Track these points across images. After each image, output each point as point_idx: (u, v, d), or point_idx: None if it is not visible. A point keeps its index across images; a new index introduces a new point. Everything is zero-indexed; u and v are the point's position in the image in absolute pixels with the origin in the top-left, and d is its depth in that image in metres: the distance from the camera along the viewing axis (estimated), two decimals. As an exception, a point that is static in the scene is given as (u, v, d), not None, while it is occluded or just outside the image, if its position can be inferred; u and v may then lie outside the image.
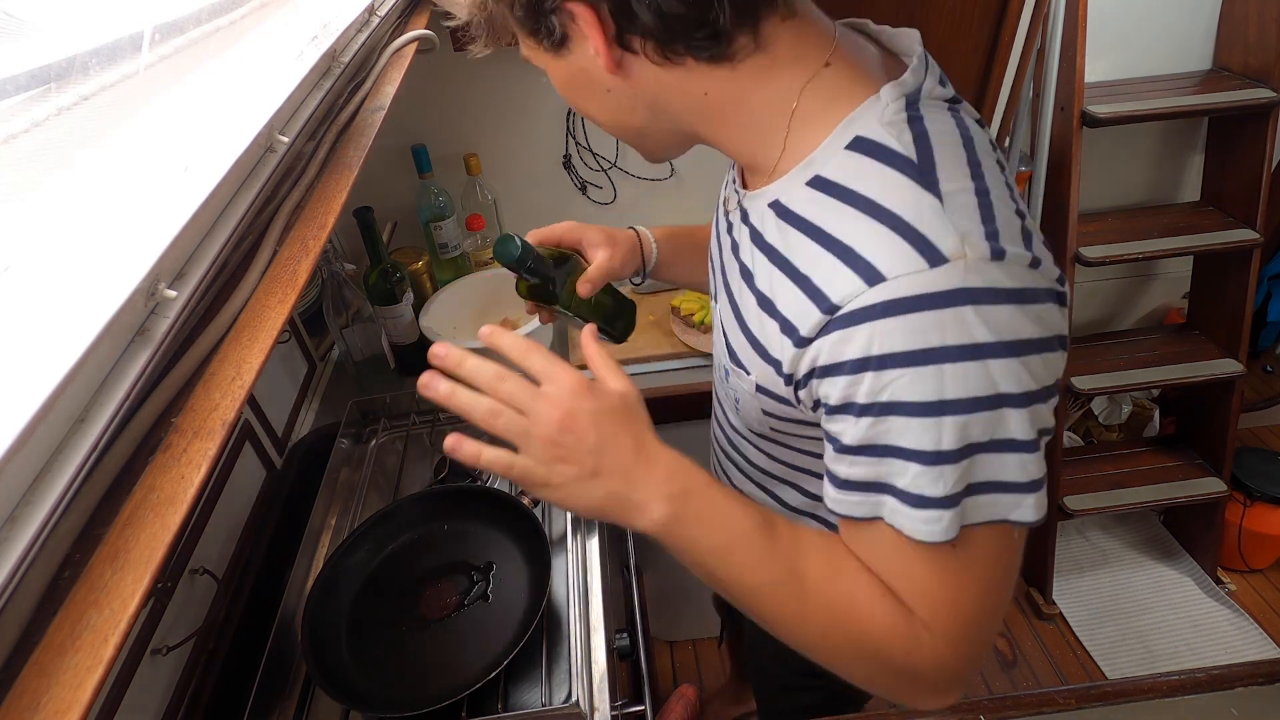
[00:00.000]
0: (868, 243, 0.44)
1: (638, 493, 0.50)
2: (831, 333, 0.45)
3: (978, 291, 0.41)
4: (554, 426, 0.49)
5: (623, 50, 0.48)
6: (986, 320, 0.41)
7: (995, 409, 0.43)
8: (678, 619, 1.75)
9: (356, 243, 1.33)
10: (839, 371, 0.45)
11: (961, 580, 0.48)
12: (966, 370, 0.42)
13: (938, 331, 0.41)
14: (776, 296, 0.51)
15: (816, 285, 0.46)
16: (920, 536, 0.46)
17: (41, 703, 0.27)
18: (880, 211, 0.44)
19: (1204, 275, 1.74)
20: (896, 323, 0.42)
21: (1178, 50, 1.56)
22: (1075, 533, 1.97)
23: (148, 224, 0.38)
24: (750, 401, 0.59)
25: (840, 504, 0.50)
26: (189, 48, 0.54)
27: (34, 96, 0.39)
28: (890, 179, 0.45)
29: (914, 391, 0.43)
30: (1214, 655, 1.69)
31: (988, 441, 0.44)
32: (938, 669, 0.49)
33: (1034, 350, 0.43)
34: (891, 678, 0.51)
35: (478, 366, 0.50)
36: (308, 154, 0.63)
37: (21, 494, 0.30)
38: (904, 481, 0.45)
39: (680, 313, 1.33)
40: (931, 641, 0.49)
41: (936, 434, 0.43)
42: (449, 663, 0.82)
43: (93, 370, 0.35)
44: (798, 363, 0.49)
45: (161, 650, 0.78)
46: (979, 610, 0.49)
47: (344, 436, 1.15)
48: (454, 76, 1.41)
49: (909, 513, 0.46)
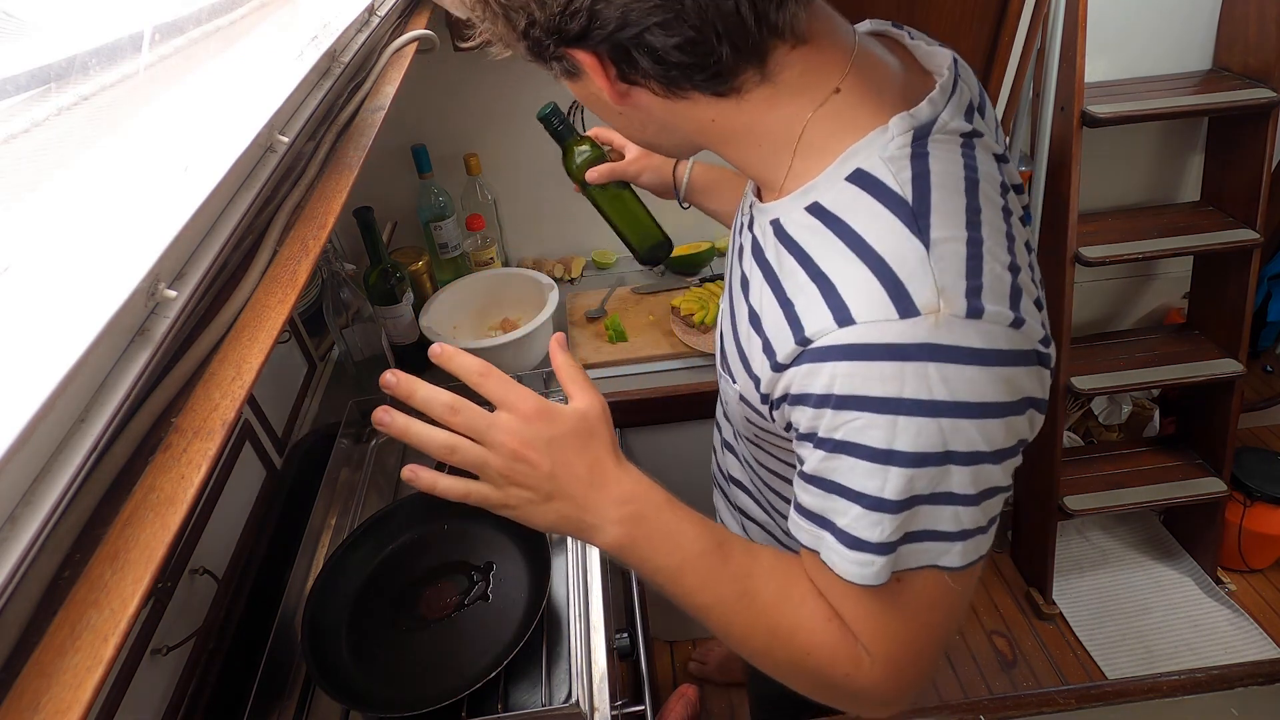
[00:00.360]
0: (847, 281, 0.44)
1: (590, 516, 0.51)
2: (803, 364, 0.45)
3: (944, 349, 0.41)
4: (508, 454, 0.49)
5: (628, 85, 0.48)
6: (947, 379, 0.41)
7: (941, 465, 0.43)
8: (678, 619, 1.74)
9: (356, 243, 1.33)
10: (806, 402, 0.46)
11: (898, 616, 0.49)
12: (919, 425, 0.42)
13: (896, 382, 0.42)
14: (764, 314, 0.51)
15: (796, 313, 0.47)
16: (851, 578, 0.47)
17: (41, 703, 0.27)
18: (865, 251, 0.44)
19: (1204, 275, 1.74)
20: (857, 367, 0.42)
21: (1178, 50, 1.56)
22: (1075, 533, 1.97)
23: (148, 224, 0.38)
24: (735, 408, 0.60)
25: (795, 528, 0.51)
26: (189, 48, 0.54)
27: (34, 96, 0.39)
28: (882, 218, 0.44)
29: (866, 436, 0.43)
30: (1214, 655, 1.69)
31: (929, 495, 0.44)
32: (876, 691, 0.51)
33: (994, 414, 0.43)
34: (831, 694, 0.53)
35: (428, 398, 0.50)
36: (308, 154, 0.63)
37: (21, 494, 0.30)
38: (844, 521, 0.46)
39: (680, 313, 1.33)
40: (871, 665, 0.50)
41: (881, 481, 0.44)
42: (449, 663, 0.82)
43: (93, 370, 0.35)
44: (774, 385, 0.49)
45: (161, 650, 0.78)
46: (917, 641, 0.50)
47: (344, 436, 1.15)
48: (454, 76, 1.41)
49: (843, 552, 0.47)
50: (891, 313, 0.42)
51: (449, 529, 0.97)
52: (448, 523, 0.98)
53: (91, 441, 0.33)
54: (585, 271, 1.60)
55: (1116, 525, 1.99)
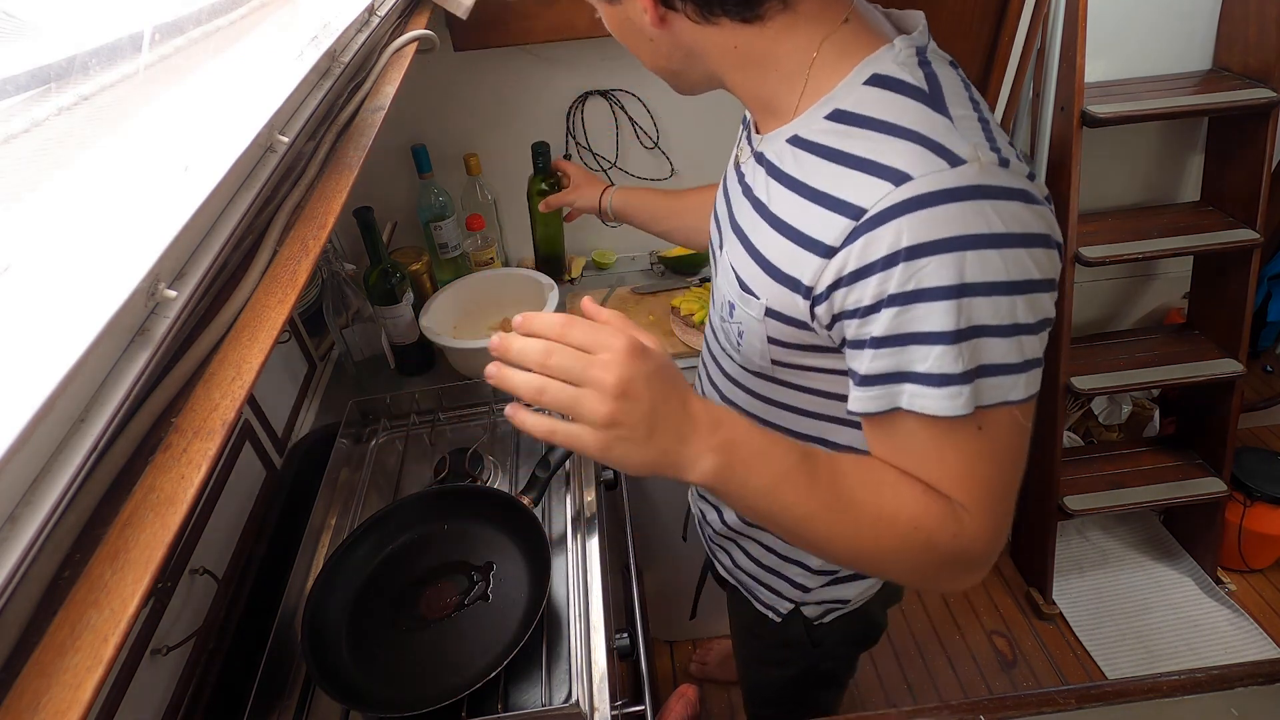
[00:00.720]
0: (890, 154, 0.50)
1: (688, 447, 0.52)
2: (859, 238, 0.50)
3: (992, 189, 0.48)
4: (610, 392, 0.49)
5: (666, 9, 0.55)
6: (1000, 214, 0.47)
7: (1007, 294, 0.48)
8: (678, 619, 1.74)
9: (356, 243, 1.33)
10: (870, 272, 0.50)
11: (985, 458, 0.53)
12: (984, 257, 0.47)
13: (960, 222, 0.47)
14: (795, 219, 0.56)
15: (841, 198, 0.51)
16: (944, 412, 0.50)
17: (41, 703, 0.28)
18: (898, 130, 0.50)
19: (1204, 275, 1.74)
20: (923, 215, 0.47)
21: (1177, 50, 1.56)
22: (1075, 533, 1.97)
23: (148, 224, 0.38)
24: (755, 329, 0.62)
25: (861, 402, 0.55)
26: (189, 48, 0.54)
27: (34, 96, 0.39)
28: (905, 105, 0.51)
29: (938, 277, 0.47)
30: (1214, 655, 1.69)
31: (997, 326, 0.49)
32: (979, 543, 0.55)
33: (1038, 244, 0.49)
34: (941, 564, 0.56)
35: (524, 347, 0.51)
36: (308, 154, 0.63)
37: (21, 494, 0.30)
38: (925, 365, 0.50)
39: (680, 312, 1.33)
40: (970, 518, 0.54)
41: (957, 315, 0.48)
42: (449, 663, 0.82)
43: (93, 370, 0.35)
44: (820, 274, 0.53)
45: (161, 650, 0.79)
46: (1003, 484, 0.55)
47: (344, 436, 1.15)
48: (454, 76, 1.41)
49: (930, 391, 0.50)
50: (942, 164, 0.48)
51: (449, 529, 0.97)
52: (448, 523, 0.98)
53: (91, 441, 0.33)
54: (585, 271, 1.60)
55: (1116, 525, 1.99)
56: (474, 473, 1.07)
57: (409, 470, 1.13)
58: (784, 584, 0.85)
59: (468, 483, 1.06)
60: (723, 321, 0.68)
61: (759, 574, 0.87)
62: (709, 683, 1.71)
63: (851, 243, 0.50)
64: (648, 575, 1.58)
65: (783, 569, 0.84)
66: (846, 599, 0.85)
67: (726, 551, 0.91)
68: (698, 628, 1.77)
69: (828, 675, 1.00)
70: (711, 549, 0.96)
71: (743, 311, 0.63)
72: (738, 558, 0.89)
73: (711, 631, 1.77)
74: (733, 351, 0.70)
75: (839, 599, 0.85)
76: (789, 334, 0.60)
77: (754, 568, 0.87)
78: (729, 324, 0.67)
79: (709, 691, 1.69)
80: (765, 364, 0.65)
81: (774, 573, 0.85)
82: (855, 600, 0.86)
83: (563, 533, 0.98)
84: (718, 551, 0.94)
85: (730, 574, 0.93)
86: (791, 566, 0.83)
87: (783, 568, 0.84)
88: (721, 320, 0.69)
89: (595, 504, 1.02)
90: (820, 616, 0.87)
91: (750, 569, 0.88)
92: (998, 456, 0.54)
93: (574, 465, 1.06)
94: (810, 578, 0.83)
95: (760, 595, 0.89)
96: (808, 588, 0.84)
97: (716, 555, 0.95)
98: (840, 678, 1.03)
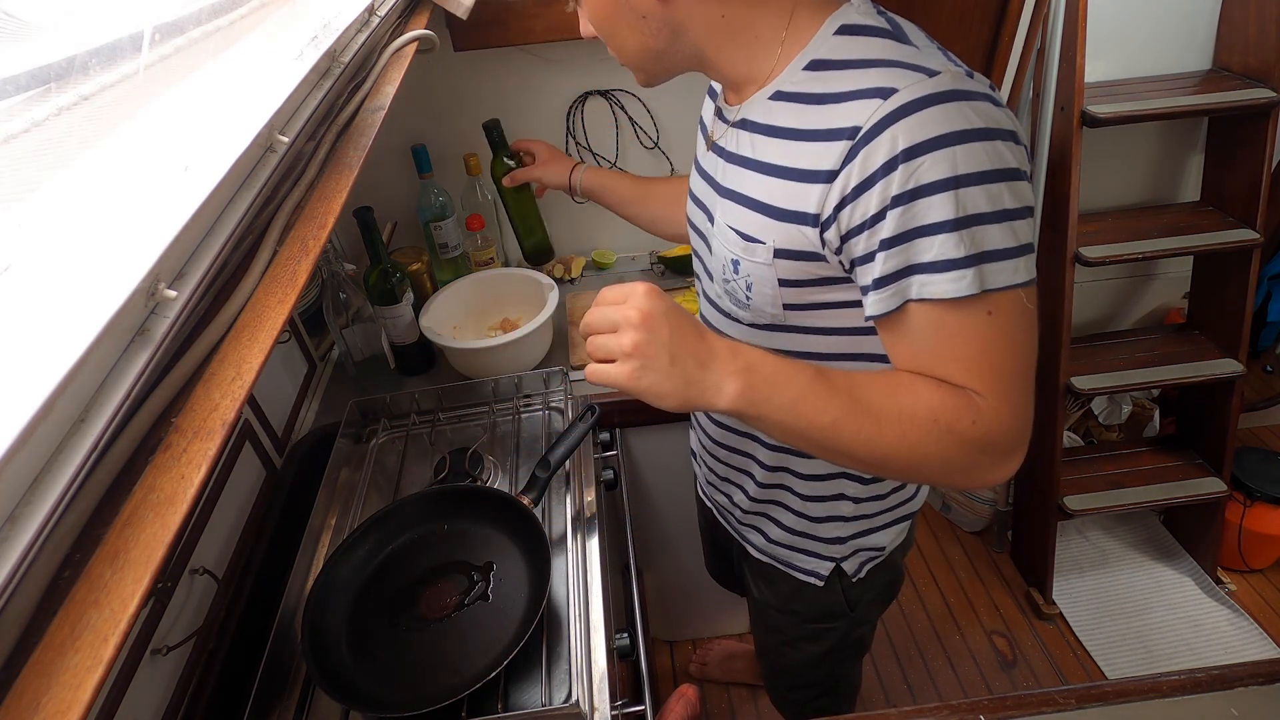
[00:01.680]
0: (872, 79, 0.56)
1: (710, 373, 0.58)
2: (858, 153, 0.55)
3: (967, 92, 0.54)
4: (633, 327, 0.57)
5: None
6: (978, 111, 0.53)
7: (995, 182, 0.53)
8: (678, 619, 1.75)
9: (356, 243, 1.33)
10: (873, 182, 0.55)
11: (998, 342, 0.57)
12: (970, 150, 0.53)
13: (946, 121, 0.52)
14: (790, 160, 0.61)
15: (833, 128, 0.57)
16: (952, 294, 0.55)
17: (41, 703, 0.28)
18: (873, 62, 0.57)
19: (1204, 275, 1.74)
20: (912, 120, 0.53)
21: (1177, 50, 1.56)
22: (1075, 533, 1.97)
23: (148, 224, 0.38)
24: (764, 275, 0.66)
25: (876, 304, 0.59)
26: (189, 48, 0.54)
27: (34, 96, 0.39)
28: (875, 43, 0.58)
29: (933, 173, 0.53)
30: (1214, 655, 1.69)
31: (991, 213, 0.54)
32: (1002, 429, 0.59)
33: (1011, 139, 0.55)
34: (968, 452, 0.59)
35: (586, 321, 0.61)
36: (308, 154, 0.63)
37: (21, 494, 0.30)
38: (931, 255, 0.55)
39: (680, 313, 1.33)
40: (989, 405, 0.58)
41: (954, 205, 0.53)
42: (449, 663, 0.82)
43: (93, 370, 0.35)
44: (825, 198, 0.58)
45: (161, 650, 0.79)
46: (1018, 368, 0.59)
47: (344, 436, 1.15)
48: (454, 76, 1.41)
49: (936, 277, 0.55)
50: (921, 76, 0.54)
51: (449, 529, 0.97)
52: (448, 523, 0.98)
53: (91, 441, 0.33)
54: (585, 271, 1.60)
55: (1116, 525, 1.99)
56: (474, 473, 1.07)
57: (409, 470, 1.13)
58: (820, 544, 0.87)
59: (468, 483, 1.06)
60: (726, 283, 0.72)
61: (795, 541, 0.89)
62: (709, 683, 1.71)
63: (851, 160, 0.55)
64: (648, 575, 1.58)
65: (817, 530, 0.86)
66: (881, 546, 0.89)
67: (757, 529, 0.93)
68: (698, 628, 1.77)
69: (858, 643, 1.03)
70: (741, 533, 0.97)
71: (748, 264, 0.67)
72: (770, 531, 0.91)
73: (711, 631, 1.77)
74: (740, 310, 0.73)
75: (874, 547, 0.88)
76: (800, 270, 0.64)
77: (789, 536, 0.89)
78: (734, 282, 0.70)
79: (709, 691, 1.69)
80: (778, 311, 0.69)
81: (809, 536, 0.87)
82: (888, 547, 0.89)
83: (563, 533, 0.98)
84: (748, 533, 0.95)
85: (765, 551, 0.94)
86: (825, 524, 0.85)
87: (816, 529, 0.86)
88: (725, 283, 0.72)
89: (595, 504, 1.02)
90: (858, 571, 0.90)
91: (785, 539, 0.90)
92: (1008, 341, 0.57)
93: (574, 465, 1.06)
94: (845, 526, 0.85)
95: (799, 563, 0.91)
96: (844, 538, 0.86)
97: (747, 538, 0.96)
98: (866, 644, 1.07)
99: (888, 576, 0.94)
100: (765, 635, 1.10)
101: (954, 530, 2.04)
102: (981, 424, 0.58)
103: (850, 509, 0.84)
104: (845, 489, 0.83)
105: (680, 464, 1.32)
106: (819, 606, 0.94)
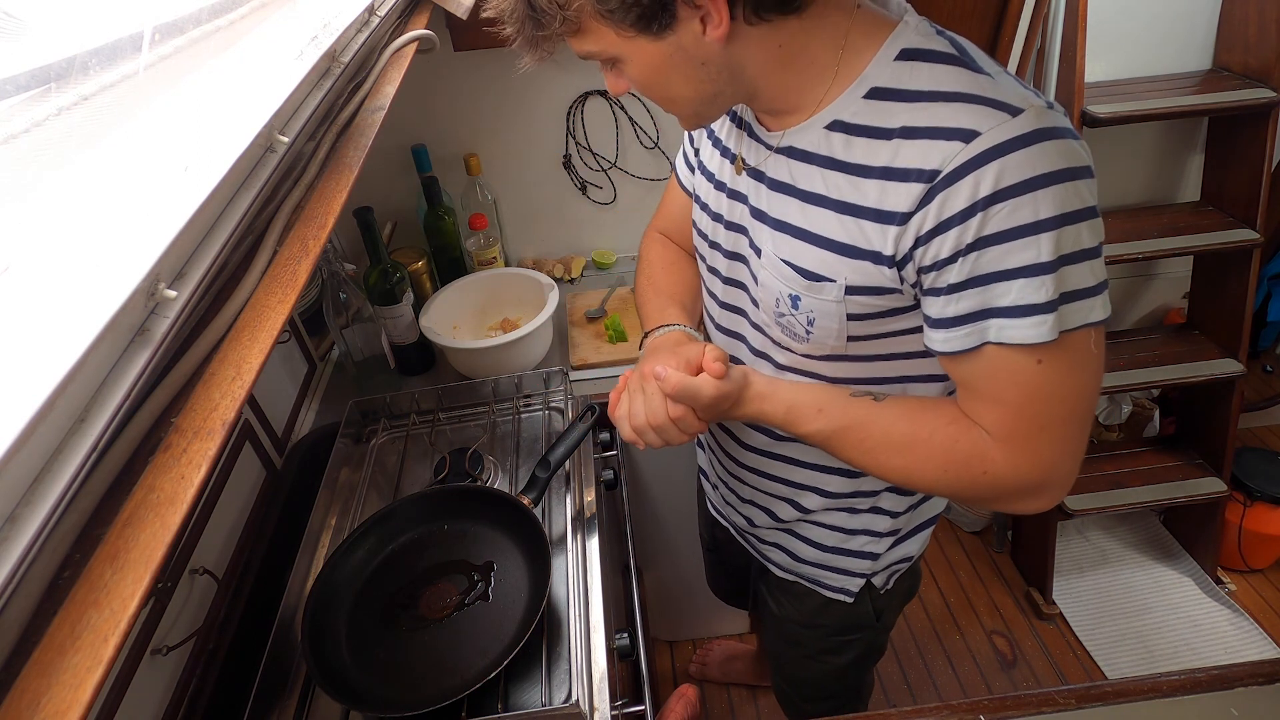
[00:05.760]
0: (949, 117, 0.54)
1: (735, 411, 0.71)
2: (935, 197, 0.54)
3: (1051, 130, 0.52)
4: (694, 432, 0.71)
5: (733, 22, 0.56)
6: (1061, 151, 0.52)
7: (1075, 223, 0.53)
8: (678, 619, 1.75)
9: (356, 243, 1.33)
10: (950, 225, 0.54)
11: (1041, 389, 0.57)
12: (1052, 193, 0.52)
13: (1029, 165, 0.51)
14: (858, 197, 0.59)
15: (906, 168, 0.55)
16: (1030, 340, 0.55)
17: (41, 703, 0.27)
18: (945, 95, 0.54)
19: (1204, 275, 1.74)
20: (996, 165, 0.52)
21: (1178, 50, 1.56)
22: (1075, 533, 1.97)
23: (148, 224, 0.38)
24: (832, 311, 0.65)
25: (948, 342, 0.59)
26: (189, 48, 0.54)
27: (34, 96, 0.39)
28: (942, 71, 0.55)
29: (1015, 219, 0.52)
30: (1214, 655, 1.69)
31: (1071, 253, 0.53)
32: (1017, 478, 0.60)
33: (1088, 175, 0.54)
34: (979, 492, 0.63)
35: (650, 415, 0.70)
36: (308, 154, 0.63)
37: (21, 494, 0.30)
38: (1009, 299, 0.54)
39: (680, 313, 1.32)
40: (1003, 456, 0.60)
41: (1035, 251, 0.53)
42: (449, 663, 0.82)
43: (93, 370, 0.35)
44: (900, 239, 0.57)
45: (161, 650, 0.79)
46: (1058, 414, 0.58)
47: (344, 436, 1.15)
48: (454, 76, 1.41)
49: (1016, 322, 0.55)
50: (1004, 116, 0.52)
51: (449, 529, 0.97)
52: (448, 523, 0.98)
53: (91, 441, 0.33)
54: (585, 271, 1.60)
55: (1116, 525, 1.99)
56: (474, 473, 1.07)
57: (409, 470, 1.13)
58: (852, 560, 0.85)
59: (468, 483, 1.06)
60: (780, 316, 0.70)
61: (824, 558, 0.87)
62: (709, 683, 1.71)
63: (927, 204, 0.54)
64: (648, 575, 1.58)
65: (848, 544, 0.84)
66: (910, 556, 0.88)
67: (781, 548, 0.90)
68: (698, 628, 1.77)
69: (880, 648, 1.01)
70: (763, 552, 0.94)
71: (812, 300, 0.65)
72: (798, 549, 0.88)
73: (711, 632, 1.77)
74: (796, 343, 0.70)
75: (904, 558, 0.87)
76: (870, 304, 0.63)
77: (818, 554, 0.87)
78: (792, 317, 0.68)
79: (709, 691, 1.69)
80: (840, 344, 0.67)
81: (840, 551, 0.85)
82: (915, 555, 0.89)
83: (563, 533, 0.98)
84: (770, 552, 0.93)
85: (790, 570, 0.92)
86: (857, 538, 0.83)
87: (848, 542, 0.84)
88: (779, 316, 0.70)
89: (595, 504, 1.02)
90: (887, 583, 0.89)
91: (814, 557, 0.87)
92: (1053, 388, 0.57)
93: (574, 465, 1.06)
94: (878, 542, 0.84)
95: (828, 581, 0.89)
96: (877, 554, 0.84)
97: (769, 557, 0.93)
98: (885, 648, 1.04)
99: (910, 579, 0.93)
100: (784, 649, 1.04)
101: (954, 530, 2.04)
102: (992, 473, 0.60)
103: (886, 524, 0.82)
104: (882, 502, 0.81)
105: (681, 465, 1.32)
106: (846, 620, 0.92)
